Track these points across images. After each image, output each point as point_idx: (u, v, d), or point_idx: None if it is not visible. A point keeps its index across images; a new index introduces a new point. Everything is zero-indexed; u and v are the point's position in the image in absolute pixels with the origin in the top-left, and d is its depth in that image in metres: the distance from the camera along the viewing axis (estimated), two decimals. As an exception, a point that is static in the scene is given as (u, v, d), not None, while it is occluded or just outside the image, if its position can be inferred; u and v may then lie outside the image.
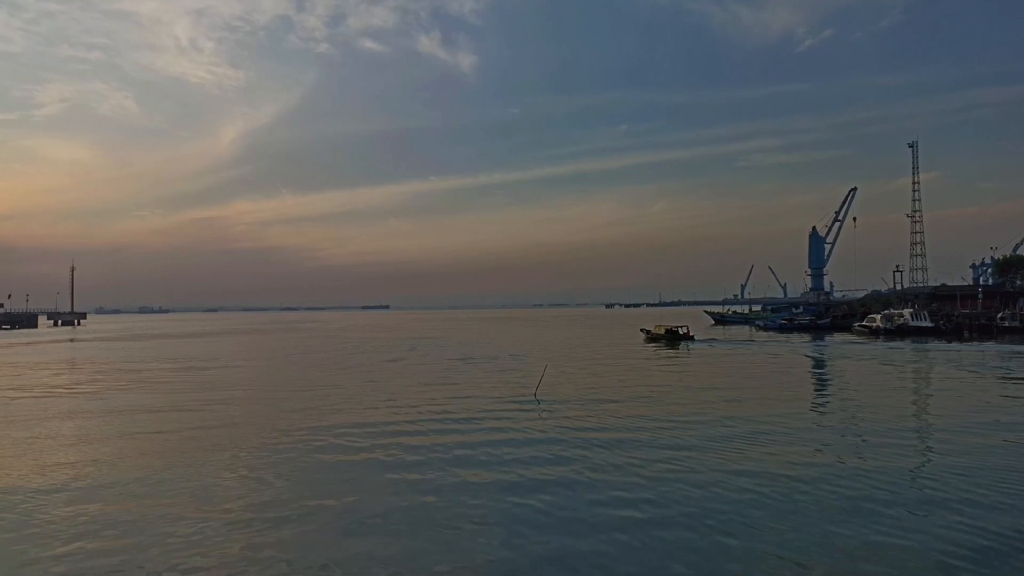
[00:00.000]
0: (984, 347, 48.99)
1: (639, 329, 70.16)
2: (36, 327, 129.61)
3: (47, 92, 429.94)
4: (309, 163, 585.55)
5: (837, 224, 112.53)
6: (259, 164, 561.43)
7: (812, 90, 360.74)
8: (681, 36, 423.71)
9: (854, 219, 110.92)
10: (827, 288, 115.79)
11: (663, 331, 59.40)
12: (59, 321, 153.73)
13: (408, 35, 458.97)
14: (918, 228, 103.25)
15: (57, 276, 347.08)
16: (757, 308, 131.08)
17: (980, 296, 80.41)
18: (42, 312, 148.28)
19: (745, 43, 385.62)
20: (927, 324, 66.41)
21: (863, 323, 71.96)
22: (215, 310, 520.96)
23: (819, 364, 39.83)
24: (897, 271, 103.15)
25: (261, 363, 44.37)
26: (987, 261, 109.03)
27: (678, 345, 54.95)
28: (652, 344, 56.92)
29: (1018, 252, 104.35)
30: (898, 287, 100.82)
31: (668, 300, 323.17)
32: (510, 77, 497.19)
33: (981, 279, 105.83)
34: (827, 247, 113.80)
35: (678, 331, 58.50)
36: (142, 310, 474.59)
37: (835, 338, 64.61)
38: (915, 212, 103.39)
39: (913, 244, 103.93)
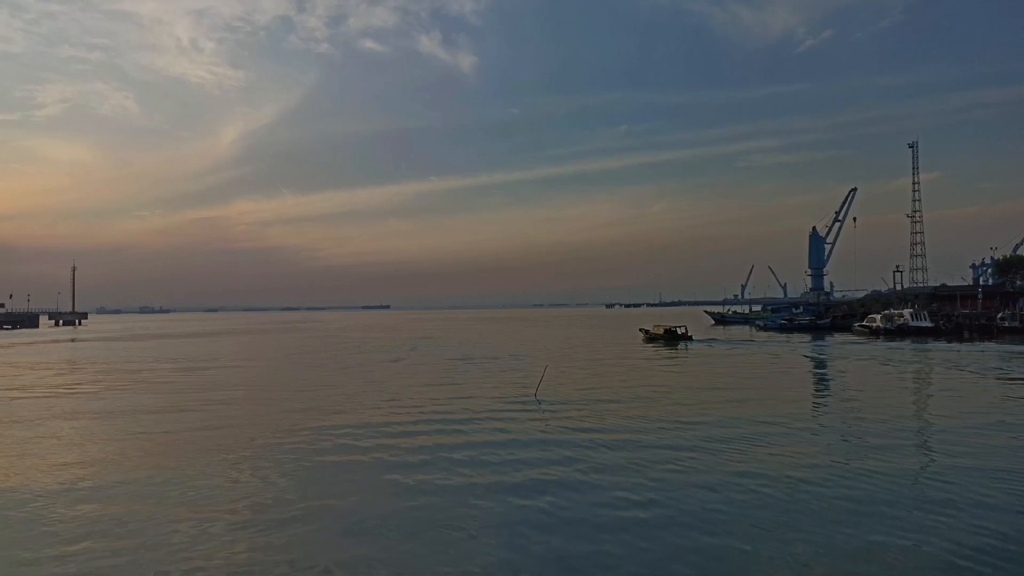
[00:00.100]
0: (984, 347, 49.00)
1: (638, 329, 70.29)
2: (37, 327, 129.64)
3: (48, 92, 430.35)
4: (309, 163, 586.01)
5: (837, 224, 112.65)
6: (259, 164, 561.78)
7: (812, 90, 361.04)
8: (681, 36, 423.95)
9: (854, 219, 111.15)
10: (827, 288, 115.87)
11: (662, 331, 59.64)
12: (60, 321, 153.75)
13: (408, 35, 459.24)
14: (918, 228, 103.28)
15: (58, 276, 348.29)
16: (757, 308, 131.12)
17: (980, 296, 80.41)
18: (43, 312, 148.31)
19: (745, 43, 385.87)
20: (927, 324, 66.39)
21: (863, 323, 71.96)
22: (215, 310, 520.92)
23: (819, 364, 39.85)
24: (897, 271, 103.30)
25: (262, 363, 44.39)
26: (987, 261, 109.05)
27: (677, 345, 55.19)
28: (651, 344, 57.11)
29: (1018, 252, 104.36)
30: (898, 287, 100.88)
31: (668, 300, 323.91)
32: (510, 77, 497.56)
33: (981, 279, 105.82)
34: (827, 247, 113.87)
35: (676, 331, 58.74)
36: (143, 310, 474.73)
37: (835, 338, 64.62)
38: (915, 212, 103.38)
39: (913, 244, 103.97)
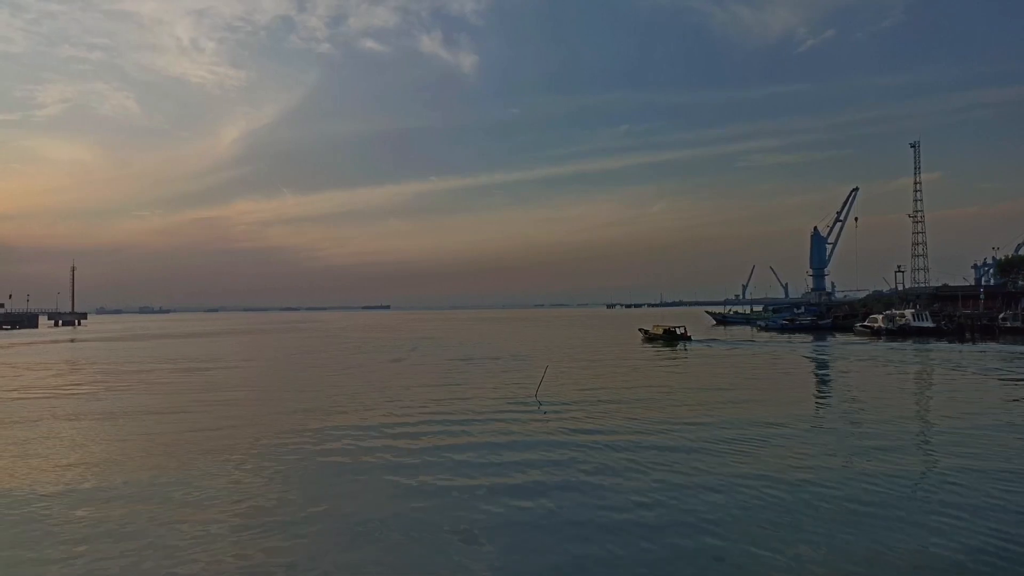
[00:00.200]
0: (986, 348, 48.86)
1: (637, 329, 70.49)
2: (37, 327, 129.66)
3: (48, 92, 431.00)
4: (309, 163, 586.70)
5: (839, 224, 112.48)
6: (260, 164, 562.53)
7: (812, 90, 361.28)
8: (681, 36, 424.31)
9: (856, 219, 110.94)
10: (829, 288, 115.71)
11: (661, 331, 60.05)
12: (60, 321, 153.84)
13: (409, 35, 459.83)
14: (920, 228, 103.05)
15: (57, 276, 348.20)
16: (758, 308, 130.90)
17: (982, 296, 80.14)
18: (43, 312, 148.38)
19: (745, 43, 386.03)
20: (929, 325, 66.19)
21: (865, 323, 71.77)
22: (216, 310, 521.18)
23: (821, 365, 39.72)
24: (899, 271, 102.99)
25: (262, 363, 44.30)
26: (989, 261, 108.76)
27: (675, 345, 55.48)
28: (650, 344, 57.42)
29: (1020, 252, 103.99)
30: (900, 287, 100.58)
31: (669, 300, 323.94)
32: (510, 77, 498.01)
33: (983, 279, 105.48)
34: (829, 247, 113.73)
35: (675, 331, 59.10)
36: (143, 310, 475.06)
37: (837, 338, 64.50)
38: (917, 212, 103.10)
39: (915, 244, 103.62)
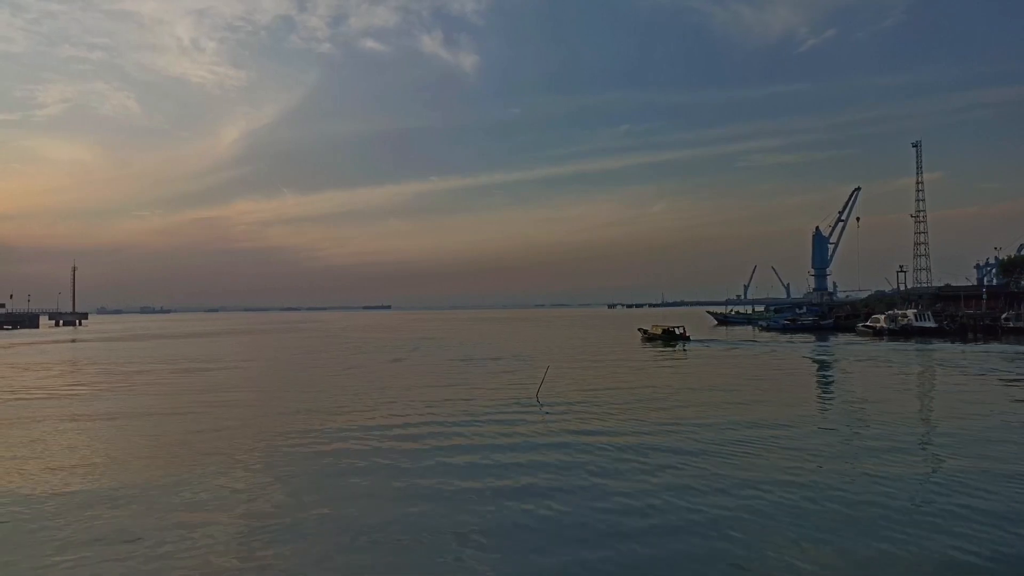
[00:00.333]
0: (989, 348, 48.67)
1: (636, 329, 70.56)
2: (38, 327, 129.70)
3: (48, 92, 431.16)
4: (310, 163, 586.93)
5: (841, 224, 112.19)
6: (260, 164, 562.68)
7: (812, 90, 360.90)
8: (681, 36, 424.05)
9: (858, 219, 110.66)
10: (831, 288, 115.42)
11: (660, 331, 60.46)
12: (60, 321, 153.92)
13: (410, 35, 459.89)
14: (922, 228, 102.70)
15: (58, 276, 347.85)
16: (760, 308, 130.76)
17: (984, 296, 79.91)
18: (43, 312, 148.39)
19: (746, 43, 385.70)
20: (931, 325, 65.96)
21: (867, 324, 71.58)
22: (216, 310, 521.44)
23: (823, 365, 39.56)
24: (901, 271, 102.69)
25: (263, 364, 44.22)
26: (991, 261, 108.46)
27: (674, 345, 55.73)
28: (649, 343, 57.68)
29: (1022, 252, 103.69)
30: (902, 287, 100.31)
31: (671, 300, 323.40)
32: (510, 77, 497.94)
33: (985, 279, 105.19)
34: (831, 247, 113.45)
35: (674, 331, 59.58)
36: (143, 310, 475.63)
37: (839, 339, 64.30)
38: (919, 212, 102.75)
39: (917, 244, 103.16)
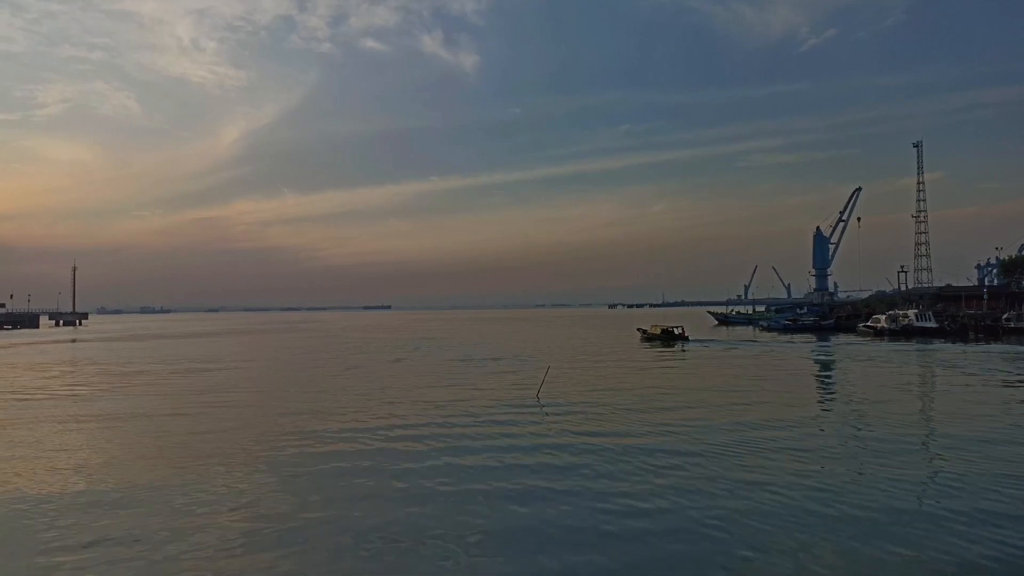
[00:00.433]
0: (990, 348, 48.60)
1: (636, 329, 70.61)
2: (38, 327, 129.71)
3: (48, 92, 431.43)
4: (310, 163, 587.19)
5: (842, 224, 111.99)
6: (260, 164, 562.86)
7: (813, 90, 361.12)
8: (681, 36, 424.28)
9: (858, 219, 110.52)
10: (831, 288, 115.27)
11: (659, 331, 60.72)
12: (61, 321, 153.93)
13: (410, 35, 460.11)
14: (923, 228, 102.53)
15: (58, 276, 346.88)
16: (761, 309, 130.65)
17: (985, 297, 79.80)
18: (44, 312, 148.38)
19: (746, 43, 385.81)
20: (932, 325, 65.87)
21: (867, 324, 71.51)
22: (216, 310, 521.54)
23: (824, 366, 39.49)
24: (902, 271, 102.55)
25: (263, 364, 44.15)
26: (992, 261, 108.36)
27: (673, 344, 55.88)
28: (648, 343, 57.80)
29: (1023, 252, 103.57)
30: (903, 287, 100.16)
31: (671, 300, 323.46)
32: (510, 77, 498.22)
33: (986, 279, 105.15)
34: (831, 247, 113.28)
35: (673, 331, 59.83)
36: (143, 310, 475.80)
37: (840, 339, 64.26)
38: (920, 212, 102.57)
39: (918, 244, 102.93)
